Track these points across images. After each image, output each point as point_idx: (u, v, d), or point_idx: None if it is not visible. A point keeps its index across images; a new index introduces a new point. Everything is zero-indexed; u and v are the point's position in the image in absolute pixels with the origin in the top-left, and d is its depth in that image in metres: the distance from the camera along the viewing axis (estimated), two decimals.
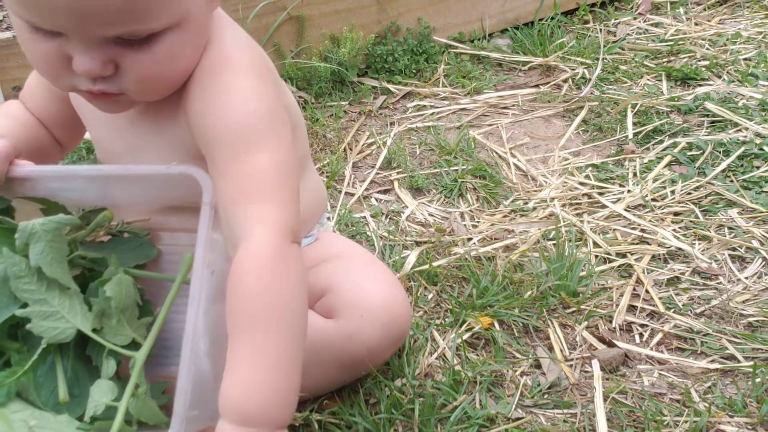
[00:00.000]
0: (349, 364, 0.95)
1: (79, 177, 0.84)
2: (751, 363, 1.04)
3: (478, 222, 1.38)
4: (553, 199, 1.42)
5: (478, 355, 1.09)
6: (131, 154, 0.88)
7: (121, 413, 0.72)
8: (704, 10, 2.10)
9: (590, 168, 1.51)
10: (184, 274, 0.82)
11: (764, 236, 1.30)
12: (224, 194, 0.75)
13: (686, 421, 0.96)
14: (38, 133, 0.96)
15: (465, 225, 1.37)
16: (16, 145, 0.86)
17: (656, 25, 2.04)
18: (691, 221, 1.35)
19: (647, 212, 1.38)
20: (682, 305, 1.18)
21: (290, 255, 0.73)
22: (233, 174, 0.75)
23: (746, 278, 1.22)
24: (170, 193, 0.86)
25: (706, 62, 1.84)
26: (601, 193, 1.44)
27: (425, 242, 1.32)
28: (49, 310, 0.75)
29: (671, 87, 1.76)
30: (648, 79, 1.80)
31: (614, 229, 1.34)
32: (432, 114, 1.72)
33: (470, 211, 1.41)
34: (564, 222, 1.35)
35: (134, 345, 0.79)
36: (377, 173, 1.53)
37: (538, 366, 1.07)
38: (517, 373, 1.05)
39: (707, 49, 1.90)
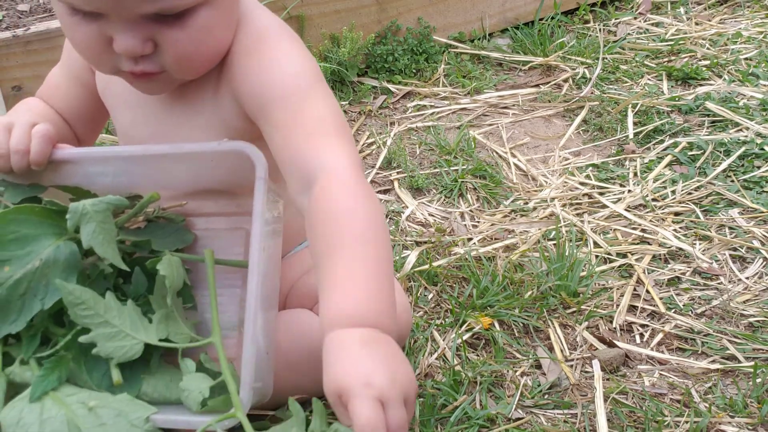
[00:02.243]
0: None
1: (123, 158, 0.85)
2: (752, 363, 1.04)
3: (478, 222, 1.38)
4: (553, 199, 1.42)
5: (478, 355, 1.08)
6: (160, 139, 0.89)
7: (235, 396, 0.74)
8: (705, 9, 2.10)
9: (591, 168, 1.51)
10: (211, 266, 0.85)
11: (765, 236, 1.29)
12: (291, 142, 0.78)
13: (687, 422, 0.96)
14: (60, 127, 0.97)
15: (465, 225, 1.37)
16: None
17: (657, 24, 2.03)
18: (691, 221, 1.34)
19: (648, 212, 1.38)
20: (683, 305, 1.17)
21: (367, 183, 0.76)
22: (297, 123, 0.78)
23: (747, 278, 1.22)
24: (211, 174, 0.87)
25: (707, 62, 1.84)
26: (601, 193, 1.44)
27: (425, 242, 1.31)
28: (112, 330, 0.76)
29: (672, 87, 1.76)
30: (648, 79, 1.79)
31: (615, 229, 1.34)
32: (432, 114, 1.71)
33: (470, 211, 1.41)
34: (564, 222, 1.35)
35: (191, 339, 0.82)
36: (377, 173, 1.53)
37: (539, 366, 1.07)
38: (517, 373, 1.05)
39: (708, 48, 1.90)
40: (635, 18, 2.06)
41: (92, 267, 0.82)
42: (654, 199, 1.40)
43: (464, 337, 1.10)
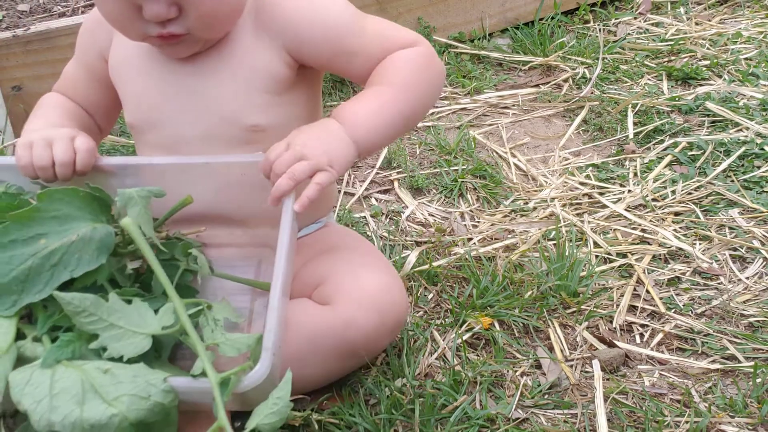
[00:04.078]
0: (347, 353, 0.95)
1: (159, 167, 0.90)
2: (752, 363, 1.04)
3: (478, 222, 1.38)
4: (553, 199, 1.42)
5: (478, 355, 1.08)
6: (186, 102, 0.95)
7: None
8: (705, 9, 2.10)
9: (591, 168, 1.51)
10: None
11: (765, 236, 1.29)
12: (370, 56, 0.93)
13: (687, 422, 0.96)
14: (84, 119, 1.06)
15: (465, 225, 1.37)
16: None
17: (657, 24, 2.04)
18: (691, 221, 1.34)
19: (648, 212, 1.38)
20: (683, 305, 1.17)
21: (437, 61, 0.95)
22: (368, 44, 0.93)
23: (747, 278, 1.22)
24: (237, 193, 0.92)
25: (707, 62, 1.84)
26: (601, 193, 1.44)
27: (425, 242, 1.31)
28: (119, 332, 0.77)
29: (672, 87, 1.76)
30: (648, 79, 1.79)
31: (615, 229, 1.34)
32: (432, 114, 1.71)
33: (470, 211, 1.41)
34: (564, 222, 1.35)
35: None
36: (377, 173, 1.53)
37: (539, 366, 1.07)
38: (517, 373, 1.05)
39: (708, 48, 1.90)
40: (635, 18, 2.06)
41: (117, 260, 0.84)
42: (654, 199, 1.40)
43: (464, 337, 1.10)
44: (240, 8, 0.91)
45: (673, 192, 1.42)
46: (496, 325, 1.13)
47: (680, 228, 1.33)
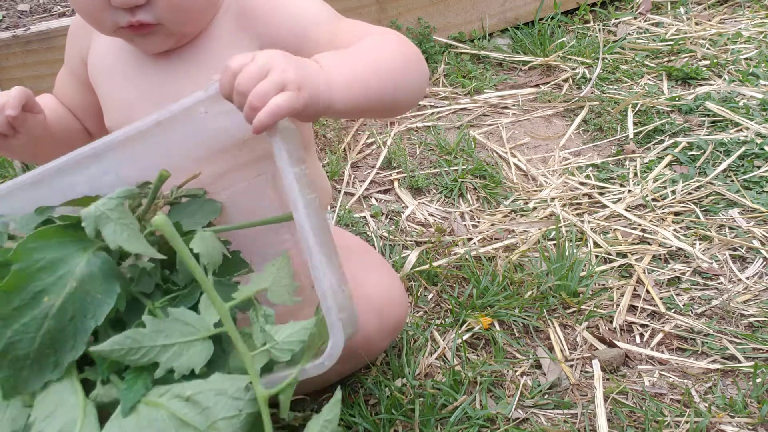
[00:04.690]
0: (347, 355, 0.94)
1: (118, 144, 0.79)
2: (752, 363, 1.04)
3: (478, 222, 1.38)
4: (553, 199, 1.42)
5: (478, 355, 1.08)
6: (155, 103, 0.91)
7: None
8: (705, 9, 2.10)
9: (591, 168, 1.51)
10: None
11: (765, 236, 1.29)
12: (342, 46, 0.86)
13: (687, 422, 0.96)
14: (70, 121, 1.05)
15: (465, 225, 1.37)
16: (48, 124, 0.96)
17: (657, 24, 2.03)
18: (691, 221, 1.34)
19: (648, 212, 1.37)
20: (683, 305, 1.17)
21: (410, 43, 0.87)
22: (342, 34, 0.88)
23: (747, 278, 1.22)
24: (214, 129, 0.81)
25: (707, 62, 1.84)
26: (601, 193, 1.44)
27: (425, 242, 1.31)
28: (175, 349, 0.72)
29: (672, 87, 1.76)
30: (648, 79, 1.79)
31: (615, 229, 1.34)
32: (432, 114, 1.71)
33: (470, 211, 1.41)
34: (564, 222, 1.35)
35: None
36: (377, 173, 1.53)
37: (539, 366, 1.07)
38: (517, 373, 1.05)
39: (708, 48, 1.89)
40: (635, 18, 2.06)
41: (132, 268, 0.79)
42: (654, 199, 1.40)
43: (464, 337, 1.10)
44: (213, 2, 0.89)
45: (673, 192, 1.42)
46: (496, 325, 1.13)
47: (680, 228, 1.33)
